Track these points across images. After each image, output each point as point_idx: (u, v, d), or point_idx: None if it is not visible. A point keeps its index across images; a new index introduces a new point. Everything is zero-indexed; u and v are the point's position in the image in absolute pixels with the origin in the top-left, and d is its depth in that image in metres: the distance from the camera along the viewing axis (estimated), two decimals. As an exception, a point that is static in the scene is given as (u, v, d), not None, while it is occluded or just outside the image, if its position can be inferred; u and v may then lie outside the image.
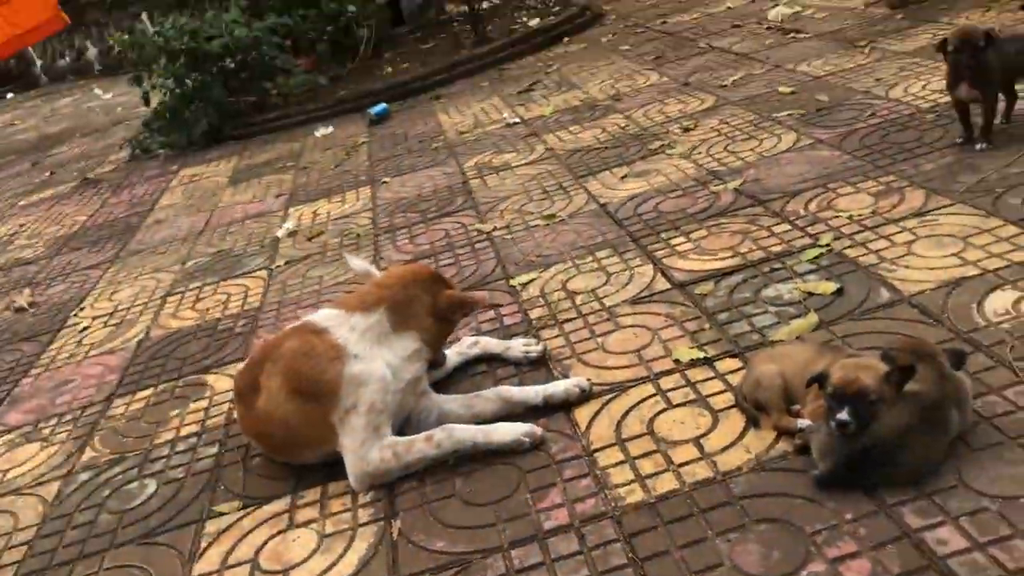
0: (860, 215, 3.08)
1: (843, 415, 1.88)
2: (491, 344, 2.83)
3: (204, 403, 3.03)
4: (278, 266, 4.17)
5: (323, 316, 2.50)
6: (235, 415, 2.75)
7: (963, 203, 2.96)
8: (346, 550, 2.15)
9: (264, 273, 4.13)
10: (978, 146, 3.32)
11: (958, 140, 3.42)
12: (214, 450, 2.73)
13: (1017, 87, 3.47)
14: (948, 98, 3.50)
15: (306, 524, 2.28)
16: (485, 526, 2.09)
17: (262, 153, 6.72)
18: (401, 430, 2.45)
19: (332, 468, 2.41)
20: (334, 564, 2.11)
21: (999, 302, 2.38)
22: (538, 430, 2.34)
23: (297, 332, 2.48)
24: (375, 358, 2.39)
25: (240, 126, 7.55)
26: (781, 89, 4.72)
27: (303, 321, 2.55)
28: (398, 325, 2.44)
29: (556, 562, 1.92)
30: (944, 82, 3.50)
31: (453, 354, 2.80)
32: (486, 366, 2.79)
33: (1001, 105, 3.43)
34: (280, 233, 4.62)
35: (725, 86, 5.10)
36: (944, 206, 2.98)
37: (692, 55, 6.06)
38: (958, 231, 2.79)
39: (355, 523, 2.23)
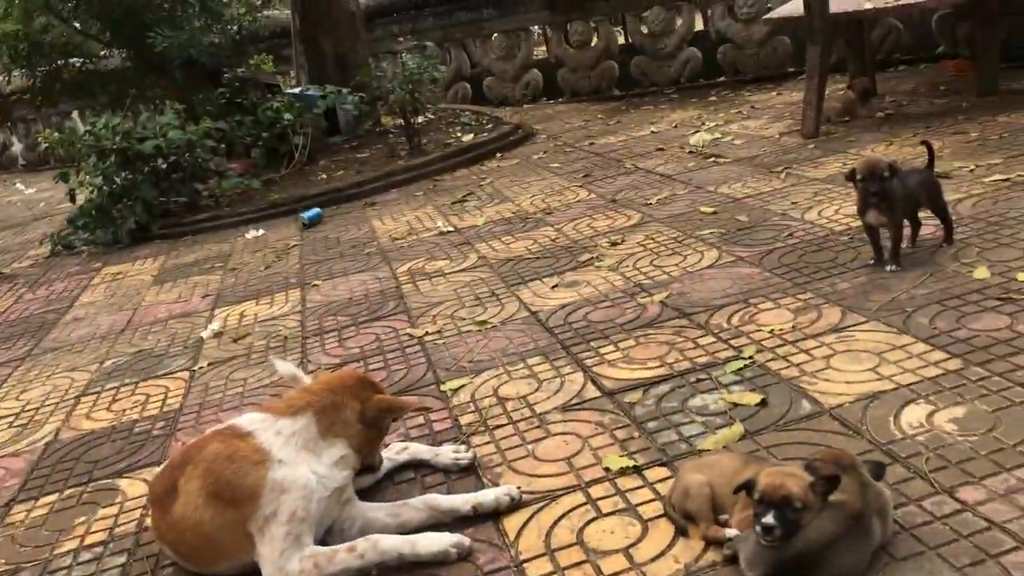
0: (781, 330, 3.20)
1: (769, 519, 1.90)
2: (420, 450, 2.78)
3: (114, 509, 2.87)
4: (201, 367, 4.06)
5: (248, 420, 2.43)
6: (148, 521, 2.61)
7: (877, 320, 3.11)
8: (260, 668, 2.02)
9: (186, 374, 4.01)
10: (888, 268, 3.52)
11: (870, 262, 3.62)
12: (121, 560, 2.57)
13: (921, 215, 3.73)
14: (859, 222, 3.72)
15: (218, 640, 2.15)
16: (410, 641, 2.00)
17: (190, 253, 6.64)
18: (323, 540, 2.36)
19: (249, 579, 2.30)
20: None
21: (913, 415, 2.48)
22: (466, 540, 2.29)
23: (220, 435, 2.41)
24: (300, 464, 2.33)
25: (169, 226, 7.46)
26: (703, 209, 4.95)
27: (227, 424, 2.48)
28: (326, 431, 2.40)
29: None
30: (855, 208, 3.73)
31: (383, 459, 2.75)
32: (414, 473, 2.74)
33: (908, 231, 3.67)
34: (205, 334, 4.52)
35: (650, 204, 5.31)
36: (859, 323, 3.12)
37: (619, 174, 6.32)
38: (873, 347, 2.92)
39: (271, 639, 2.11)
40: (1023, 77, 6.67)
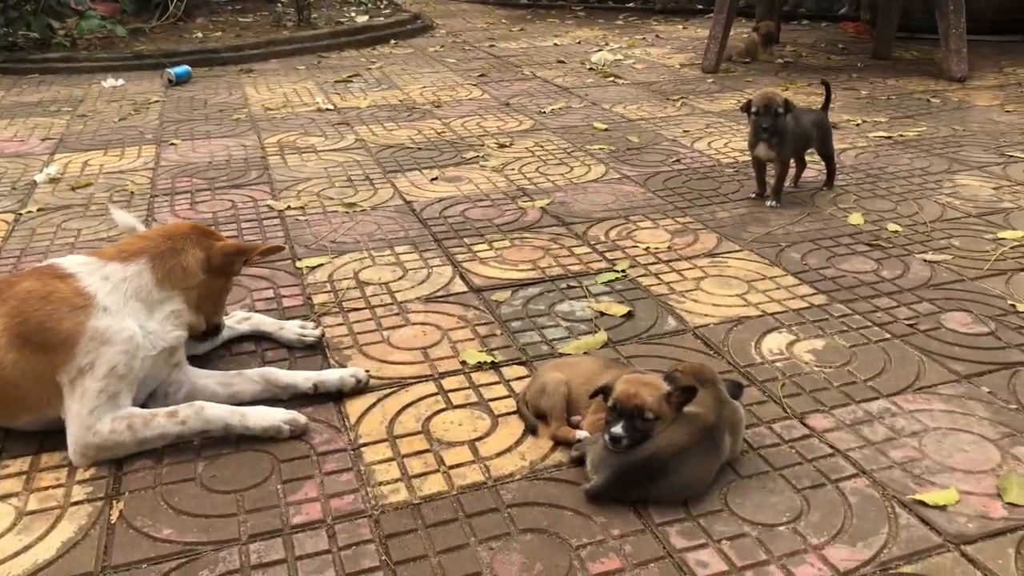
0: (656, 248, 3.14)
1: (618, 429, 1.83)
2: (264, 322, 2.56)
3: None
4: (29, 211, 3.63)
5: (72, 261, 2.13)
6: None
7: (750, 251, 3.09)
8: (49, 531, 1.80)
9: (10, 216, 3.58)
10: (768, 203, 3.51)
11: (752, 195, 3.61)
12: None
13: (808, 158, 3.74)
14: (747, 157, 3.69)
15: (3, 498, 1.90)
16: (224, 516, 1.83)
17: (35, 93, 5.97)
18: (144, 403, 2.13)
19: (51, 436, 2.05)
20: (30, 547, 1.76)
21: (775, 343, 2.47)
22: (301, 418, 2.11)
23: (37, 273, 2.10)
24: (127, 315, 2.07)
25: (14, 60, 6.68)
26: (596, 124, 4.82)
27: (47, 263, 2.17)
28: (162, 280, 2.13)
29: (300, 560, 1.70)
30: (746, 142, 3.69)
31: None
32: (255, 345, 2.52)
33: (793, 171, 3.67)
34: (39, 177, 4.05)
35: (544, 112, 5.14)
36: (733, 251, 3.10)
37: (516, 80, 6.10)
38: (743, 275, 2.90)
39: (66, 501, 1.89)
40: (915, 47, 6.85)
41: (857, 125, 4.71)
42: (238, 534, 1.77)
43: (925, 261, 2.98)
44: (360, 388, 2.26)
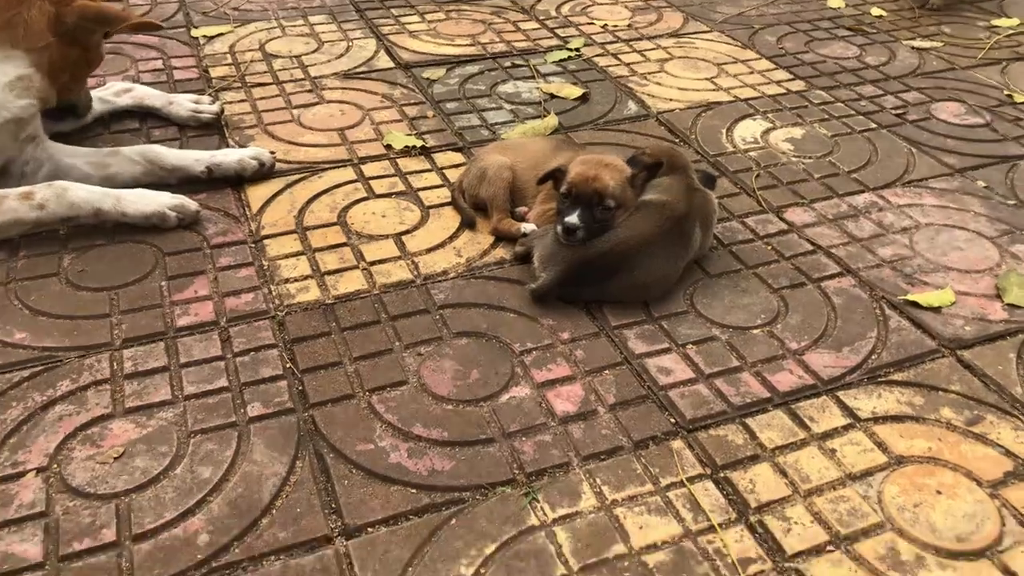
0: (615, 26, 2.73)
1: (572, 218, 1.53)
2: (149, 95, 2.14)
3: None
4: None
5: None
6: None
7: (721, 32, 2.72)
8: None
9: None
10: None
11: None
12: None
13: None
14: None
15: None
16: (94, 317, 1.50)
17: None
18: (-4, 185, 1.74)
19: None
20: None
21: (748, 130, 2.16)
22: (192, 204, 1.76)
23: None
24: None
25: None
26: None
27: None
28: (-1, 36, 1.68)
29: (185, 368, 1.40)
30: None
31: (94, 100, 2.08)
32: (139, 123, 2.11)
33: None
34: None
35: None
36: (702, 31, 2.72)
37: None
38: (713, 57, 2.54)
39: None
40: None
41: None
42: (110, 338, 1.46)
43: (913, 48, 2.66)
44: (264, 172, 1.90)
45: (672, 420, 1.33)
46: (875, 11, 2.92)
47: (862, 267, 1.67)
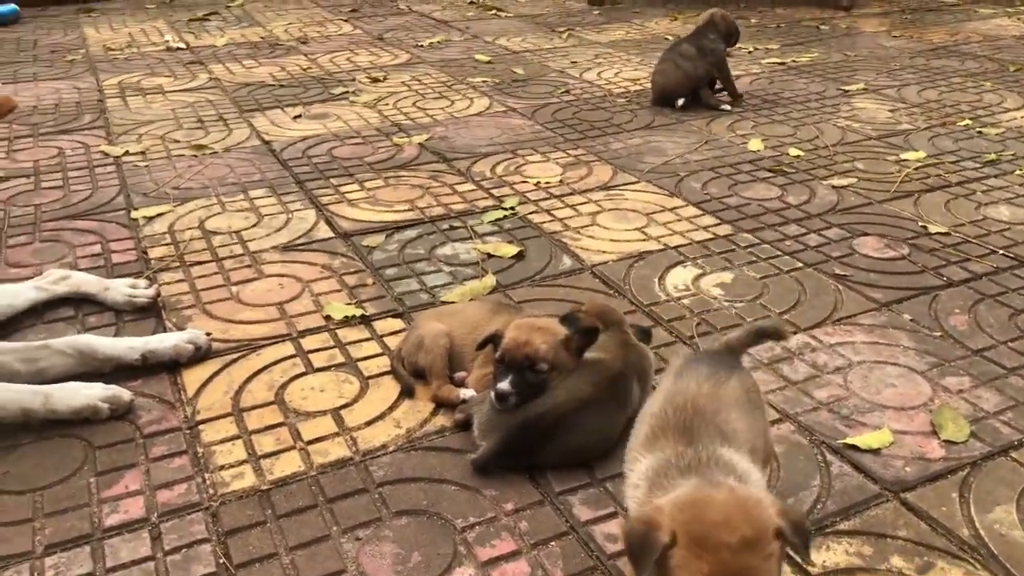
0: (548, 183, 2.84)
1: (504, 384, 1.54)
2: (86, 281, 2.13)
3: None
4: None
5: None
6: None
7: (648, 182, 2.84)
8: None
9: None
10: (724, 107, 3.45)
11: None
12: None
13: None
14: (639, 87, 3.42)
15: None
16: (15, 523, 1.44)
17: None
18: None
19: None
20: None
21: (679, 278, 2.22)
22: (125, 394, 1.72)
23: None
24: None
25: None
26: (478, 56, 4.46)
27: None
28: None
29: (112, 572, 1.34)
30: (637, 72, 3.41)
31: (29, 288, 2.08)
32: (73, 310, 2.09)
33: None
34: None
35: (422, 46, 4.74)
36: (630, 183, 2.84)
37: (391, 14, 5.65)
38: (642, 207, 2.64)
39: None
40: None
41: (749, 52, 4.51)
42: (32, 546, 1.39)
43: (831, 186, 2.79)
44: (200, 355, 1.88)
45: (621, 592, 1.29)
46: (792, 151, 3.08)
47: (800, 412, 1.69)
